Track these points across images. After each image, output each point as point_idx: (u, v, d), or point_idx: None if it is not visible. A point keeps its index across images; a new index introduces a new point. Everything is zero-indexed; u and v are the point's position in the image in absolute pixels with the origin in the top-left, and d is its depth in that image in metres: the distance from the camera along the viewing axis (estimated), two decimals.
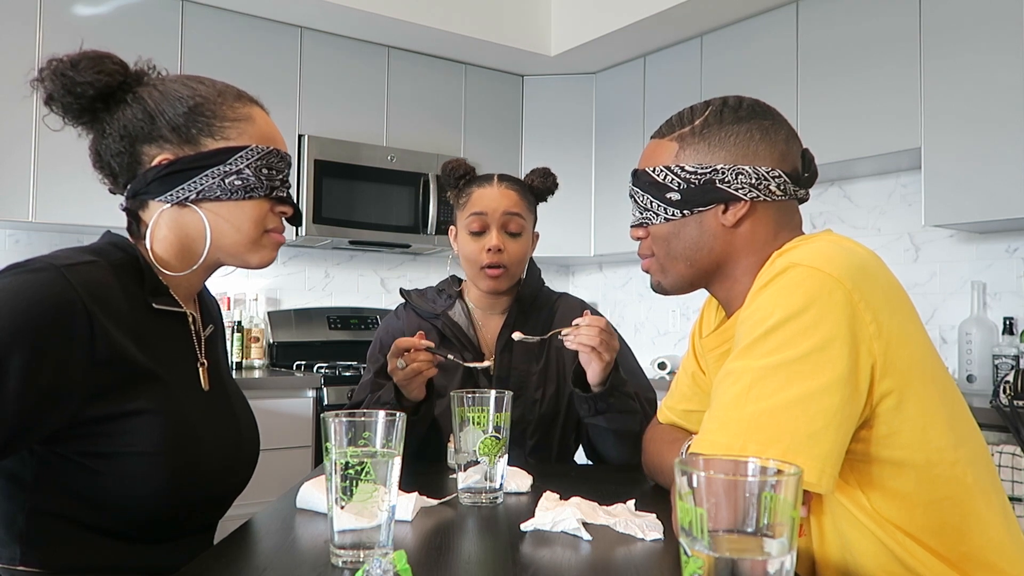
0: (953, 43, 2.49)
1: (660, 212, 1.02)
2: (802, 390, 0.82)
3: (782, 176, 0.99)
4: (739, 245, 1.01)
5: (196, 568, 0.86)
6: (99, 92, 1.00)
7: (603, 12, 3.33)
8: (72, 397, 0.88)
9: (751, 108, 1.02)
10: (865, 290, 0.85)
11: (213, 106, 1.03)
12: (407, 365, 1.37)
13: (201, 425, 1.01)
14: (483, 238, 1.56)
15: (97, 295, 0.91)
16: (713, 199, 0.99)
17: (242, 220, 1.04)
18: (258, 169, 1.03)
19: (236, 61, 3.09)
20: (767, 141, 1.00)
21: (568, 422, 1.59)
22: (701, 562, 0.57)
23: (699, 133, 1.01)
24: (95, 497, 0.93)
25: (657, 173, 1.02)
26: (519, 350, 1.59)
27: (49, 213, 2.76)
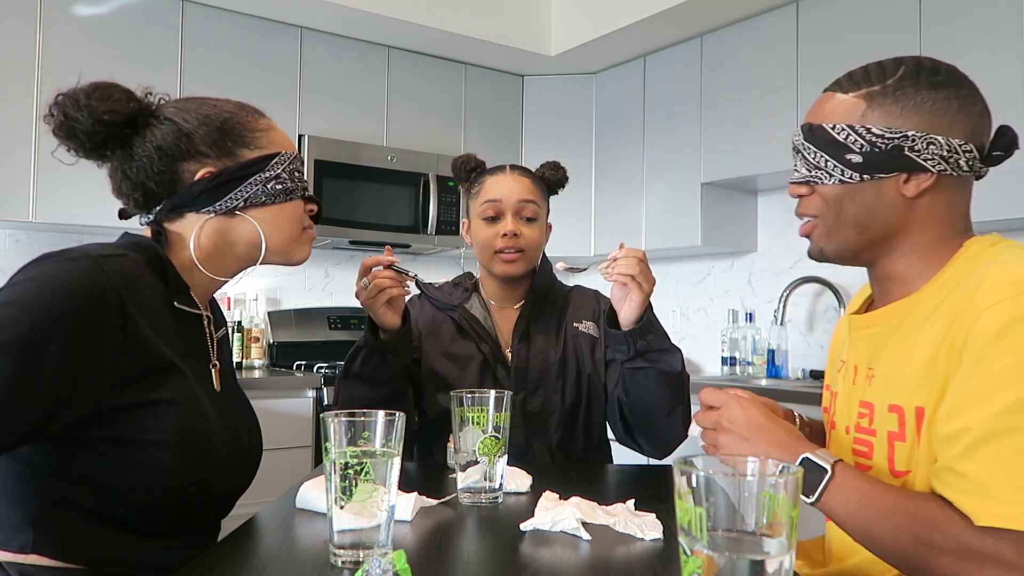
0: (953, 43, 2.49)
1: (835, 173, 0.95)
2: None
3: (973, 151, 0.94)
4: (915, 219, 0.95)
5: (196, 568, 0.86)
6: (125, 118, 1.04)
7: (603, 12, 3.33)
8: (100, 384, 0.91)
9: (949, 73, 0.96)
10: None
11: (240, 119, 1.10)
12: (370, 284, 1.35)
13: (214, 422, 1.04)
14: (498, 224, 1.56)
15: (130, 286, 0.94)
16: (898, 166, 0.92)
17: (284, 221, 1.12)
18: (291, 172, 1.12)
19: (236, 61, 3.09)
20: (964, 112, 0.94)
21: (592, 410, 1.58)
22: (701, 562, 0.57)
23: (892, 94, 0.94)
24: (109, 484, 0.95)
25: (837, 131, 0.95)
26: (537, 341, 1.59)
27: (49, 213, 2.76)
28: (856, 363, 1.03)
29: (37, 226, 2.90)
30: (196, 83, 2.96)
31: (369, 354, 1.41)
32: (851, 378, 1.04)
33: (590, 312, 1.65)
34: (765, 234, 3.40)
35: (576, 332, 1.61)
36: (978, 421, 0.80)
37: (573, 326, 1.62)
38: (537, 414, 1.55)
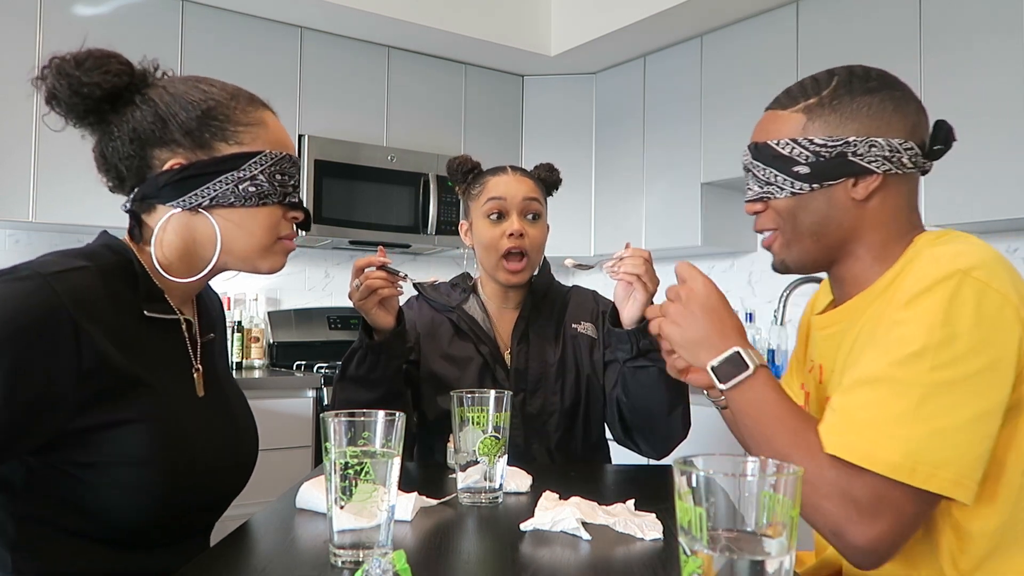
0: (953, 43, 2.49)
1: (785, 186, 0.98)
2: (975, 411, 0.81)
3: (914, 148, 0.97)
4: (867, 220, 0.98)
5: (196, 568, 0.86)
6: (106, 93, 0.97)
7: (603, 12, 3.33)
8: (59, 408, 0.87)
9: (881, 78, 1.00)
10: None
11: (226, 110, 1.02)
12: (362, 284, 1.34)
13: (194, 432, 0.99)
14: (503, 223, 1.55)
15: (84, 303, 0.89)
16: (844, 172, 0.96)
17: (255, 227, 1.02)
18: (271, 175, 1.02)
19: (236, 61, 3.09)
20: (900, 112, 0.97)
21: (591, 411, 1.58)
22: (701, 562, 0.57)
23: (829, 104, 0.97)
24: (86, 506, 0.92)
25: (782, 146, 0.98)
26: (535, 342, 1.58)
27: (49, 213, 2.75)
28: (821, 363, 1.07)
29: (37, 226, 2.90)
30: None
31: (364, 356, 1.40)
32: (818, 377, 1.07)
33: (588, 313, 1.64)
34: None
35: (575, 333, 1.61)
36: (866, 366, 0.86)
37: (572, 327, 1.62)
38: (536, 415, 1.55)
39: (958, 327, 0.82)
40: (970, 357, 0.81)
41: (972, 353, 0.81)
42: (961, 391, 0.81)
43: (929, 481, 0.79)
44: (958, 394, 0.81)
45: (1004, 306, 0.83)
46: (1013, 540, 0.88)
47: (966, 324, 0.82)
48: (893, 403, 0.82)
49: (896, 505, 0.80)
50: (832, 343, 1.04)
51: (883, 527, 0.80)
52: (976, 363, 0.81)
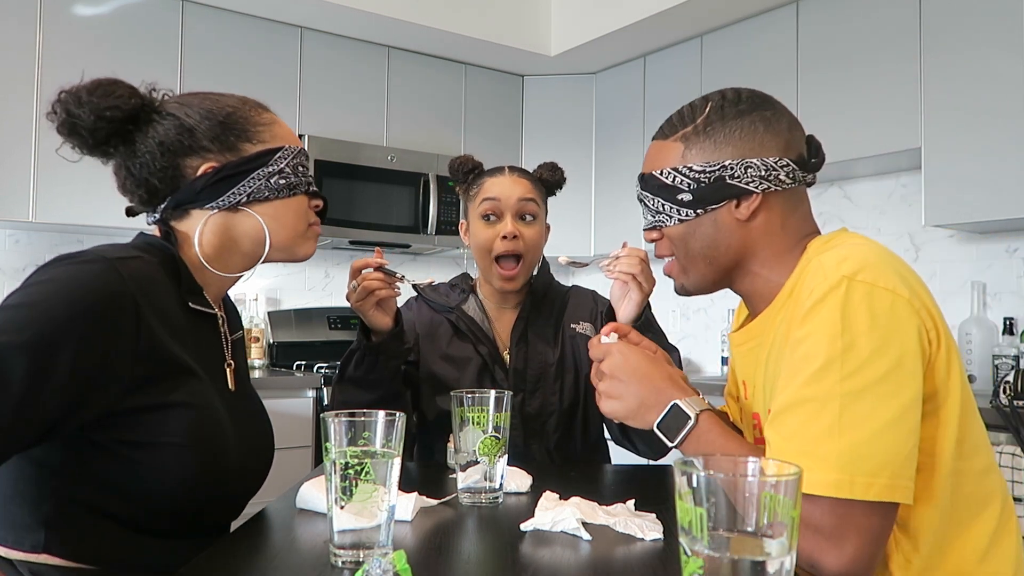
0: (953, 43, 2.49)
1: (673, 214, 1.02)
2: (892, 412, 0.81)
3: (790, 164, 0.99)
4: (755, 237, 1.01)
5: (196, 568, 0.86)
6: (127, 114, 1.03)
7: (603, 12, 3.33)
8: (113, 387, 0.91)
9: (751, 100, 1.02)
10: (920, 295, 0.87)
11: (243, 113, 1.09)
12: (359, 286, 1.35)
13: (228, 423, 1.04)
14: (497, 225, 1.55)
15: (145, 289, 0.94)
16: (725, 195, 0.99)
17: (289, 216, 1.10)
18: (295, 167, 1.10)
19: (236, 61, 3.09)
20: (771, 131, 0.99)
21: (590, 412, 1.58)
22: (701, 562, 0.57)
23: (703, 131, 1.00)
24: (123, 486, 0.95)
25: (665, 175, 1.02)
26: (534, 343, 1.58)
27: (49, 213, 2.76)
28: (744, 378, 1.09)
29: (37, 226, 2.90)
30: (196, 83, 2.95)
31: (362, 357, 1.40)
32: (744, 393, 1.10)
33: (588, 313, 1.64)
34: None
35: (574, 333, 1.61)
36: (783, 395, 0.87)
37: (571, 327, 1.61)
38: (535, 416, 1.55)
39: (855, 333, 0.83)
40: (874, 360, 0.82)
41: (875, 355, 0.82)
42: (874, 395, 0.81)
43: (868, 491, 0.80)
44: (872, 399, 0.81)
45: (895, 302, 0.84)
46: (957, 526, 0.90)
47: (862, 328, 0.83)
48: (814, 422, 0.83)
49: (856, 523, 0.81)
50: (751, 358, 1.06)
51: (853, 547, 0.80)
52: (882, 364, 0.82)
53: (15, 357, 0.82)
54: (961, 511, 0.90)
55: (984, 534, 0.91)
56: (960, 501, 0.90)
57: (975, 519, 0.91)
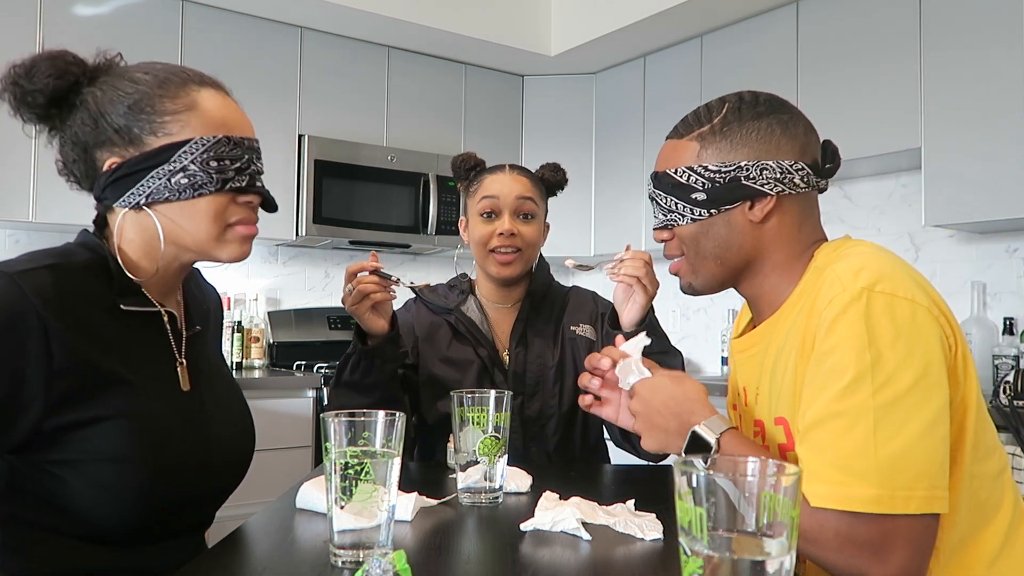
0: (953, 43, 2.49)
1: (686, 213, 1.01)
2: (924, 422, 0.81)
3: (805, 168, 0.99)
4: (767, 240, 1.00)
5: (195, 568, 0.86)
6: (49, 99, 0.96)
7: (603, 12, 3.33)
8: (32, 408, 0.86)
9: (768, 103, 1.02)
10: (938, 302, 0.88)
11: (152, 100, 0.96)
12: (355, 289, 1.34)
13: (177, 427, 0.98)
14: (495, 222, 1.55)
15: (52, 302, 0.88)
16: (739, 196, 0.98)
17: (197, 218, 0.97)
18: (205, 163, 0.95)
19: (236, 61, 3.09)
20: (788, 135, 1.00)
21: (590, 415, 1.57)
22: (701, 562, 0.57)
23: (720, 131, 1.00)
24: (68, 505, 0.91)
25: (680, 174, 1.01)
26: (534, 344, 1.58)
27: (49, 213, 2.76)
28: (745, 385, 1.09)
29: (37, 226, 2.90)
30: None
31: (358, 361, 1.40)
32: (743, 399, 1.09)
33: (588, 315, 1.64)
34: None
35: (574, 335, 1.60)
36: (811, 411, 0.86)
37: (571, 329, 1.61)
38: (535, 418, 1.54)
39: (881, 345, 0.83)
40: (902, 371, 0.82)
41: (902, 367, 0.82)
42: (905, 407, 0.81)
43: (908, 504, 0.80)
44: (904, 411, 0.81)
45: (915, 311, 0.85)
46: (971, 529, 0.90)
47: (887, 340, 0.83)
48: (848, 437, 0.82)
49: (900, 535, 0.80)
50: (753, 364, 1.05)
51: (899, 560, 0.80)
52: (909, 375, 0.82)
53: None
54: (975, 515, 0.90)
55: (996, 537, 0.91)
56: (974, 505, 0.90)
57: (988, 523, 0.91)
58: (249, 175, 1.00)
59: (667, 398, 0.99)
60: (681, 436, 0.97)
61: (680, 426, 0.97)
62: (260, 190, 1.01)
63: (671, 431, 0.98)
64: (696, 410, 0.97)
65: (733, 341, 1.13)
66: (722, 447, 0.92)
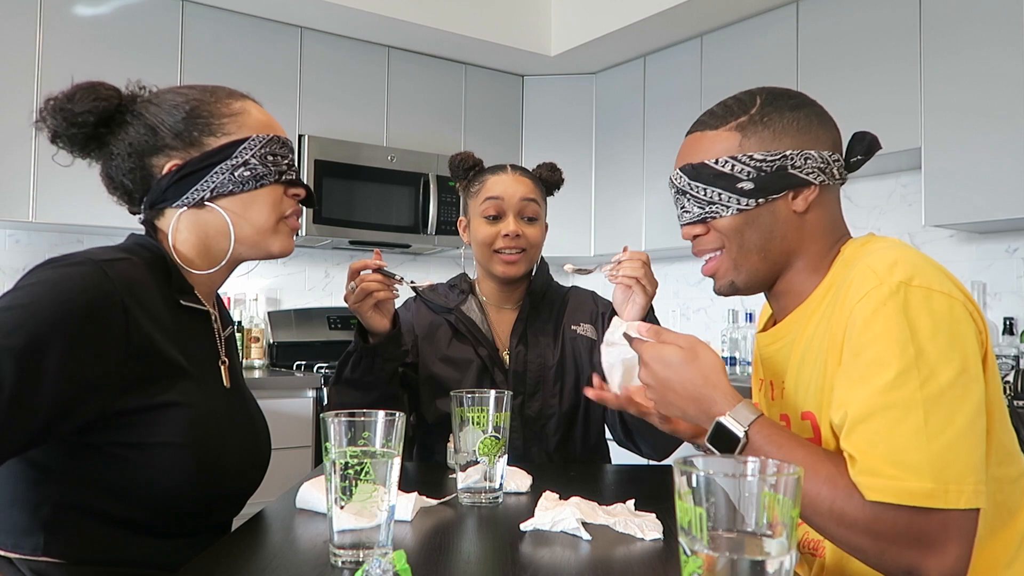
0: (953, 43, 2.49)
1: (731, 204, 0.98)
2: (966, 417, 0.81)
3: (840, 159, 1.00)
4: (807, 232, 1.00)
5: (196, 567, 0.86)
6: (99, 118, 1.03)
7: (603, 12, 3.33)
8: (106, 388, 0.91)
9: (800, 95, 1.03)
10: (971, 299, 0.88)
11: (208, 106, 1.07)
12: (357, 287, 1.35)
13: (224, 421, 1.04)
14: (499, 223, 1.55)
15: (133, 290, 0.95)
16: (787, 185, 0.97)
17: (258, 209, 1.07)
18: (263, 157, 1.07)
19: (236, 61, 3.09)
20: (824, 126, 1.00)
21: (590, 414, 1.58)
22: (701, 562, 0.57)
23: (761, 120, 0.99)
24: (122, 487, 0.96)
25: (723, 164, 0.98)
26: (534, 344, 1.58)
27: (49, 213, 2.75)
28: (770, 379, 1.08)
29: (37, 226, 2.90)
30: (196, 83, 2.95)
31: (359, 359, 1.40)
32: (769, 394, 1.08)
33: (588, 314, 1.64)
34: None
35: (574, 335, 1.60)
36: (856, 403, 0.85)
37: (571, 329, 1.61)
38: (535, 418, 1.54)
39: (922, 339, 0.83)
40: (943, 365, 0.82)
41: (943, 361, 0.82)
42: (949, 400, 0.81)
43: (960, 499, 0.79)
44: (948, 405, 0.81)
45: (953, 305, 0.85)
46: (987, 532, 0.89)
47: (927, 334, 0.83)
48: (899, 429, 0.81)
49: (957, 528, 0.80)
50: (779, 358, 1.04)
51: (955, 553, 0.80)
52: (950, 370, 0.82)
53: (5, 361, 0.82)
54: (992, 518, 0.90)
55: (1011, 542, 0.91)
56: (991, 508, 0.89)
57: (1004, 526, 0.91)
58: (294, 171, 1.12)
59: (684, 380, 0.94)
60: (703, 421, 0.93)
61: (700, 413, 0.93)
62: (305, 184, 1.13)
63: (690, 414, 0.95)
64: (717, 398, 0.92)
65: (759, 335, 1.11)
66: (751, 439, 0.87)
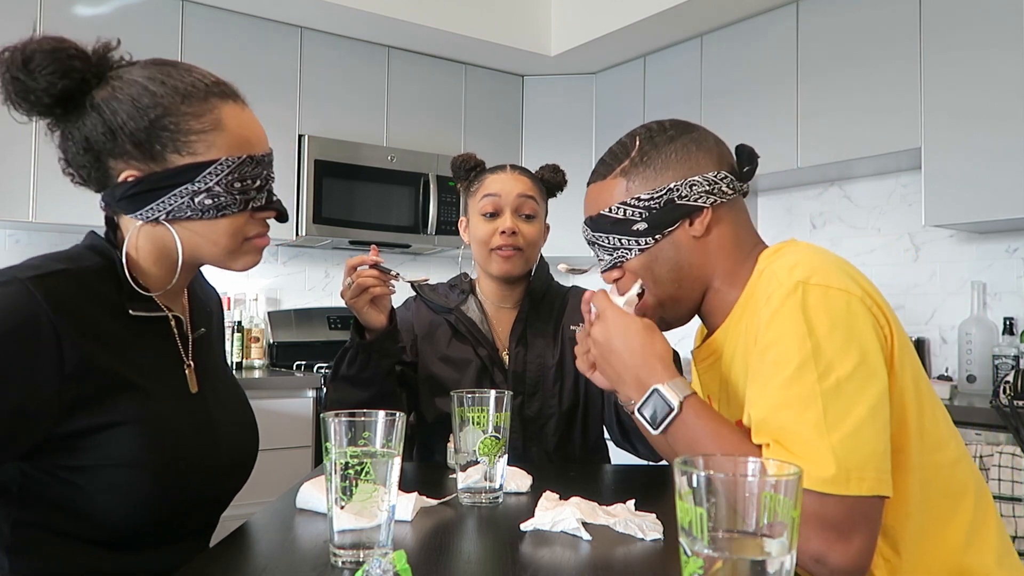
0: (953, 43, 2.49)
1: (632, 246, 1.04)
2: (865, 408, 0.83)
3: (727, 176, 1.04)
4: (712, 252, 1.04)
5: (195, 568, 0.86)
6: (55, 98, 0.93)
7: (603, 12, 3.33)
8: (44, 413, 0.86)
9: (675, 126, 1.06)
10: (871, 294, 0.90)
11: (176, 118, 0.94)
12: (354, 283, 1.35)
13: (187, 430, 0.99)
14: (496, 220, 1.56)
15: (64, 306, 0.87)
16: (678, 216, 1.02)
17: (217, 235, 0.98)
18: (230, 184, 0.96)
19: (236, 61, 3.09)
20: (703, 149, 1.04)
21: (590, 414, 1.58)
22: (701, 562, 0.57)
23: (640, 161, 1.04)
24: (78, 509, 0.92)
25: (616, 211, 1.04)
26: (533, 344, 1.58)
27: (49, 213, 2.76)
28: (708, 394, 1.12)
29: (37, 226, 2.90)
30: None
31: (355, 355, 1.40)
32: None
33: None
34: (765, 234, 3.35)
35: (573, 335, 1.60)
36: (761, 401, 0.88)
37: (570, 329, 1.61)
38: (534, 419, 1.54)
39: (819, 334, 0.85)
40: (840, 359, 0.84)
41: (840, 355, 0.84)
42: (848, 393, 0.83)
43: (861, 485, 0.81)
44: (846, 397, 0.83)
45: (849, 301, 0.87)
46: (933, 521, 0.91)
47: (824, 330, 0.85)
48: (801, 421, 0.84)
49: (862, 516, 0.82)
50: (713, 373, 1.08)
51: (859, 541, 0.82)
52: (848, 363, 0.84)
53: None
54: (935, 506, 0.92)
55: (961, 527, 0.92)
56: (932, 496, 0.92)
57: (952, 513, 0.92)
58: (267, 191, 1.01)
59: (634, 347, 0.98)
60: (638, 389, 0.96)
61: (634, 381, 0.97)
62: (277, 206, 1.03)
63: (623, 380, 0.99)
64: (659, 369, 0.96)
65: (694, 352, 1.15)
66: (683, 411, 0.92)
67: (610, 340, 1.00)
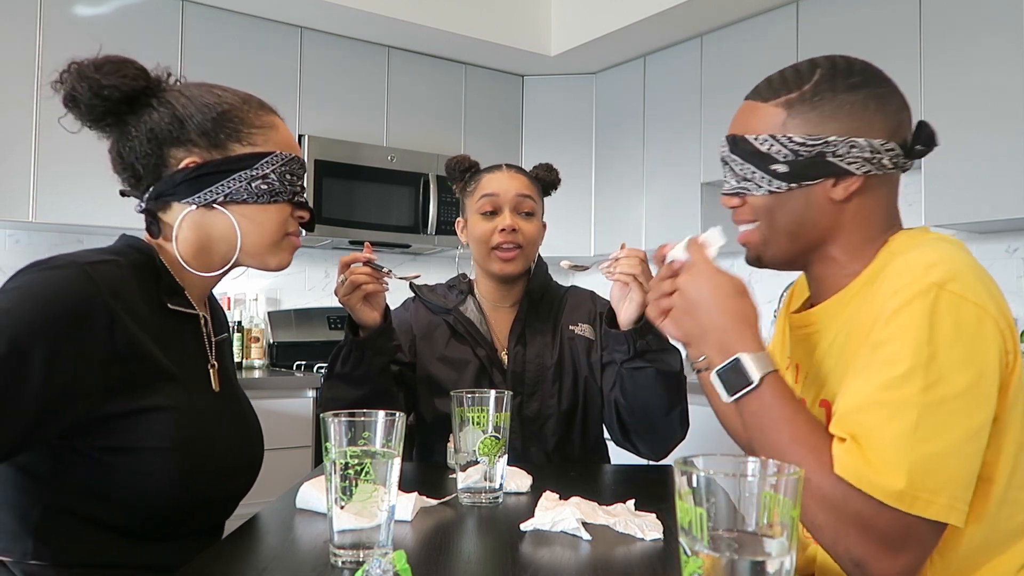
0: (953, 43, 2.49)
1: (763, 184, 0.94)
2: (964, 431, 0.79)
3: (895, 148, 0.93)
4: (845, 221, 0.95)
5: (196, 567, 0.86)
6: (124, 95, 1.02)
7: (603, 12, 3.33)
8: (90, 391, 0.90)
9: (864, 73, 0.95)
10: (1006, 314, 0.84)
11: (240, 113, 1.07)
12: (347, 280, 1.35)
13: (212, 425, 1.03)
14: (495, 219, 1.56)
15: (118, 293, 0.94)
16: (824, 173, 0.92)
17: (266, 222, 1.08)
18: (282, 175, 1.08)
19: (236, 61, 3.09)
20: (882, 111, 0.93)
21: (589, 414, 1.58)
22: (701, 562, 0.57)
23: (810, 100, 0.93)
24: (108, 492, 0.95)
25: (760, 142, 0.94)
26: (532, 344, 1.58)
27: (49, 213, 2.75)
28: (797, 361, 1.05)
29: (37, 226, 2.90)
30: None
31: (348, 353, 1.40)
32: (794, 376, 1.06)
33: (586, 314, 1.64)
34: None
35: (572, 335, 1.60)
36: (855, 392, 0.83)
37: (569, 329, 1.61)
38: (533, 418, 1.54)
39: (939, 344, 0.79)
40: (954, 375, 0.79)
41: (956, 371, 0.79)
42: (949, 411, 0.79)
43: (928, 508, 0.77)
44: (947, 414, 0.78)
45: (983, 318, 0.81)
46: (993, 547, 0.88)
47: (946, 341, 0.79)
48: (888, 427, 0.79)
49: (917, 536, 0.78)
50: (808, 344, 1.01)
51: (907, 559, 0.79)
52: (961, 381, 0.79)
53: None
54: (1001, 536, 0.88)
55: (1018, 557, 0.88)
56: (1001, 527, 0.87)
57: (1013, 544, 0.89)
58: (304, 194, 1.13)
59: (724, 308, 0.90)
60: (720, 353, 0.89)
61: (718, 344, 0.89)
62: (312, 210, 1.15)
63: (706, 340, 0.90)
64: (749, 336, 0.88)
65: (792, 316, 1.07)
66: (762, 388, 0.85)
67: (700, 293, 0.91)
